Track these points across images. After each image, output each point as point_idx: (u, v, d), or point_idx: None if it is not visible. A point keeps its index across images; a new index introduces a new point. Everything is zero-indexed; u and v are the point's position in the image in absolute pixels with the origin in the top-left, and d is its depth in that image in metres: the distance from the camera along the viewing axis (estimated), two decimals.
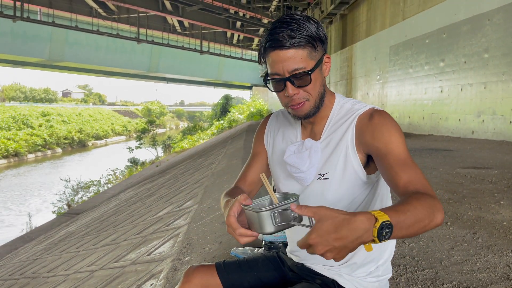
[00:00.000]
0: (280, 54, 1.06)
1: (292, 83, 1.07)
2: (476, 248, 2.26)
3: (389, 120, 1.10)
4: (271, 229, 0.96)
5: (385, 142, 1.06)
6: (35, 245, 7.35)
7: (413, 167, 1.02)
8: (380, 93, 13.62)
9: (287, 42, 1.04)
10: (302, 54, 1.06)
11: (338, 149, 1.13)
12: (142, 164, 21.79)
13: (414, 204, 0.87)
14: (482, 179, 4.19)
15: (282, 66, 1.06)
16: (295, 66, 1.06)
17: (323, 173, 1.14)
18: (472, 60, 8.59)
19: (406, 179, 0.99)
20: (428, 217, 0.87)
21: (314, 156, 1.14)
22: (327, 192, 1.14)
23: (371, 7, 14.36)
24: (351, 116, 1.13)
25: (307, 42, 1.06)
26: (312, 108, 1.12)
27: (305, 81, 1.08)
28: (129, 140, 43.64)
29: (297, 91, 1.09)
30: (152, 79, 49.88)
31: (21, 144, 30.99)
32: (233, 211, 1.01)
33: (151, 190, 8.36)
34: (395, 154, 1.04)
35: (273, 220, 0.95)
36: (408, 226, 0.84)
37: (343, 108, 1.17)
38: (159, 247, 3.35)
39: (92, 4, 25.03)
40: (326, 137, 1.16)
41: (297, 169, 1.15)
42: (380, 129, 1.07)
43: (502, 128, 7.78)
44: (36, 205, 16.81)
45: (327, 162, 1.14)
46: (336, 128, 1.15)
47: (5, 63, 37.21)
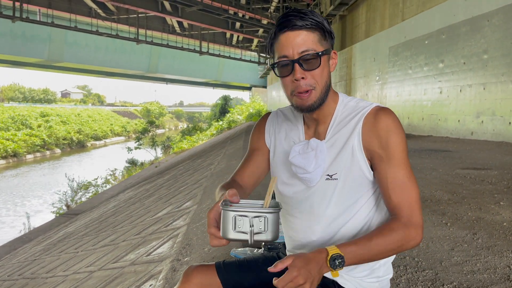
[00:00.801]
0: (290, 36, 1.06)
1: (301, 65, 1.07)
2: (476, 249, 2.26)
3: (395, 123, 1.10)
4: (229, 234, 0.88)
5: (388, 150, 1.08)
6: (34, 245, 7.33)
7: (407, 186, 1.07)
8: (379, 94, 13.62)
9: (299, 23, 1.05)
10: (313, 37, 1.07)
11: (345, 148, 1.12)
12: (141, 165, 21.77)
13: (376, 240, 1.02)
14: (482, 180, 4.19)
15: (292, 47, 1.06)
16: (305, 47, 1.06)
17: (331, 174, 1.13)
18: (472, 61, 8.60)
19: (396, 201, 1.07)
20: (393, 248, 1.04)
21: (320, 156, 1.13)
22: (334, 193, 1.13)
23: (370, 8, 14.37)
24: (356, 114, 1.12)
25: (318, 28, 1.07)
26: (317, 99, 1.10)
27: (314, 64, 1.07)
28: (128, 140, 43.61)
29: (304, 74, 1.07)
30: (151, 79, 49.91)
31: (20, 145, 30.94)
32: (217, 206, 0.97)
33: (150, 190, 8.35)
34: (395, 167, 1.08)
35: (233, 224, 0.87)
36: (367, 256, 1.02)
37: (348, 106, 1.16)
38: (158, 247, 3.35)
39: (92, 4, 25.02)
40: (331, 137, 1.15)
41: (303, 170, 1.14)
42: (385, 134, 1.08)
43: (501, 129, 7.78)
44: (35, 205, 16.78)
45: (335, 162, 1.13)
46: (341, 127, 1.14)
47: (4, 63, 37.19)
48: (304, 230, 1.20)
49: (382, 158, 1.08)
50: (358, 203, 1.14)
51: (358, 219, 1.15)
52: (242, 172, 1.29)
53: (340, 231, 1.15)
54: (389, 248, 1.04)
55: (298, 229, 1.22)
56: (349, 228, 1.15)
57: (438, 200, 3.42)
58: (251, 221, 0.87)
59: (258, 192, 1.37)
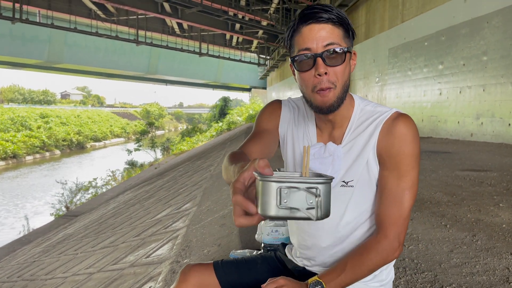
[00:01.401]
0: (315, 28, 1.00)
1: (324, 60, 1.00)
2: (476, 251, 2.26)
3: (412, 131, 1.05)
4: (271, 211, 0.69)
5: (395, 158, 1.05)
6: (33, 247, 7.33)
7: (400, 200, 1.06)
8: (379, 96, 13.63)
9: (325, 15, 0.99)
10: (338, 32, 1.01)
11: (362, 155, 1.08)
12: (141, 166, 21.77)
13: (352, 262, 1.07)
14: (481, 182, 4.19)
15: (316, 40, 1.00)
16: (330, 40, 1.00)
17: (347, 181, 1.10)
18: (471, 63, 8.61)
19: (383, 215, 1.08)
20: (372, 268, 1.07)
21: (337, 162, 1.10)
22: (349, 200, 1.11)
23: (370, 10, 14.40)
24: (374, 120, 1.08)
25: (343, 23, 1.02)
26: (337, 99, 1.03)
27: (338, 60, 1.01)
28: (128, 142, 43.64)
29: (327, 70, 1.00)
30: (151, 81, 49.96)
31: (20, 146, 30.93)
32: (243, 177, 0.75)
33: (149, 192, 8.34)
34: (396, 177, 1.06)
35: (277, 199, 0.69)
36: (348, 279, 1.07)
37: (365, 111, 1.11)
38: (158, 249, 3.34)
39: (91, 6, 25.06)
40: (348, 142, 1.10)
41: None
42: (398, 142, 1.05)
43: (501, 131, 7.79)
44: (34, 207, 16.77)
45: (351, 169, 1.09)
46: (358, 133, 1.09)
47: (4, 64, 37.22)
48: (314, 234, 1.18)
49: (387, 166, 1.06)
50: (370, 210, 1.13)
51: (367, 225, 1.14)
52: (250, 147, 1.12)
53: (349, 238, 1.14)
54: (367, 268, 1.07)
55: (308, 233, 1.20)
56: (358, 235, 1.14)
57: (437, 202, 3.42)
58: (303, 193, 0.69)
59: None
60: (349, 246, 1.15)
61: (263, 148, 1.13)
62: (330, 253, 1.17)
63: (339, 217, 1.13)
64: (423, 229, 2.68)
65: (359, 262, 1.06)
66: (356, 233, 1.14)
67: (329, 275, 1.07)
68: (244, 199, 0.72)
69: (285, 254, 1.35)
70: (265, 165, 0.73)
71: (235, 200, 0.72)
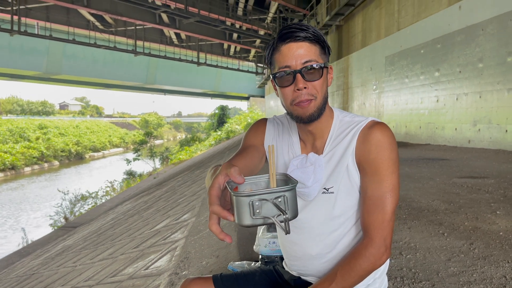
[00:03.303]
0: (293, 46, 1.07)
1: (303, 76, 1.07)
2: (473, 259, 2.27)
3: (388, 138, 1.10)
4: (247, 221, 0.77)
5: (374, 164, 1.09)
6: (32, 259, 7.29)
7: (383, 203, 1.08)
8: (376, 103, 13.69)
9: (302, 34, 1.06)
10: (314, 49, 1.08)
11: (341, 163, 1.13)
12: (139, 176, 21.74)
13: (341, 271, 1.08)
14: (479, 189, 4.20)
15: (294, 58, 1.07)
16: (308, 57, 1.07)
17: (328, 187, 1.14)
18: (467, 70, 8.67)
19: (367, 221, 1.10)
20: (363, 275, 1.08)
21: (318, 171, 1.14)
22: (331, 206, 1.15)
23: (366, 18, 14.51)
24: (352, 129, 1.14)
25: (318, 41, 1.09)
26: (316, 109, 1.10)
27: (316, 75, 1.08)
28: (127, 152, 43.57)
29: (306, 85, 1.07)
30: (150, 90, 50.06)
31: (18, 157, 30.89)
32: (218, 182, 0.83)
33: (148, 202, 8.33)
34: (377, 182, 1.09)
35: (251, 210, 0.76)
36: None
37: (343, 121, 1.17)
38: (157, 261, 3.34)
39: (89, 17, 25.21)
40: (328, 151, 1.15)
41: (302, 184, 1.15)
42: (374, 148, 1.09)
43: (498, 137, 7.82)
44: (33, 218, 16.70)
45: (331, 176, 1.14)
46: (338, 142, 1.14)
47: (2, 76, 37.31)
48: (301, 243, 1.21)
49: (367, 172, 1.10)
50: (355, 216, 1.16)
51: (355, 232, 1.16)
52: (236, 162, 1.14)
53: (338, 245, 1.17)
54: (356, 274, 1.07)
55: (295, 243, 1.23)
56: (346, 242, 1.16)
57: (435, 210, 3.43)
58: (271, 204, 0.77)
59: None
60: (340, 254, 1.17)
61: (248, 163, 1.17)
62: (321, 261, 1.19)
63: (320, 224, 1.17)
64: (420, 238, 2.68)
65: (348, 270, 1.07)
66: (344, 240, 1.16)
67: (320, 285, 1.08)
68: (221, 210, 0.80)
69: (283, 266, 1.37)
70: (237, 173, 0.82)
71: (213, 210, 0.79)
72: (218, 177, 0.84)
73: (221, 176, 0.84)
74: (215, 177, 0.84)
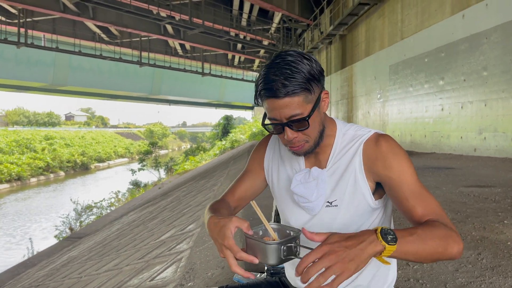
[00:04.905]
0: (275, 102, 1.04)
1: (291, 127, 1.06)
2: (481, 270, 2.24)
3: (397, 147, 1.10)
4: (276, 261, 0.97)
5: (398, 172, 1.07)
6: (37, 270, 7.29)
7: (428, 198, 1.05)
8: (381, 112, 13.68)
9: (281, 92, 1.02)
10: (298, 100, 1.03)
11: (345, 176, 1.12)
12: (144, 186, 21.77)
13: (425, 228, 0.94)
14: (486, 198, 4.17)
15: (279, 113, 1.05)
16: (291, 112, 1.04)
17: (331, 201, 1.13)
18: (472, 78, 8.66)
19: (421, 212, 1.03)
20: (440, 244, 0.93)
21: (321, 185, 1.13)
22: (335, 220, 1.14)
23: (369, 28, 14.57)
24: (356, 142, 1.13)
25: (302, 89, 1.03)
26: (311, 147, 1.12)
27: (303, 125, 1.06)
28: (132, 162, 43.69)
29: (296, 134, 1.08)
30: (155, 101, 50.35)
31: (24, 168, 31.04)
32: (231, 232, 0.99)
33: (153, 213, 8.33)
34: (409, 184, 1.06)
35: (281, 253, 0.96)
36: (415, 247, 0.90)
37: (346, 135, 1.16)
38: (162, 272, 3.33)
39: (95, 29, 25.50)
40: (332, 165, 1.15)
41: (305, 199, 1.15)
42: (390, 158, 1.08)
43: (504, 145, 7.78)
44: (39, 229, 16.74)
45: (335, 190, 1.13)
46: (341, 156, 1.14)
47: (9, 88, 37.73)
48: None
49: (393, 178, 1.07)
50: (362, 228, 1.14)
51: None
52: (233, 192, 1.30)
53: None
54: (436, 242, 0.92)
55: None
56: None
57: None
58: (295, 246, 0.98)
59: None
60: None
61: (243, 192, 1.30)
62: None
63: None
64: None
65: (429, 232, 0.93)
66: None
67: (399, 232, 0.90)
68: (247, 256, 0.97)
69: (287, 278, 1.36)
70: (248, 227, 0.99)
71: (241, 257, 0.97)
72: (230, 228, 0.99)
73: (232, 226, 0.99)
74: (226, 227, 0.99)
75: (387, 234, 0.86)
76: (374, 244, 0.85)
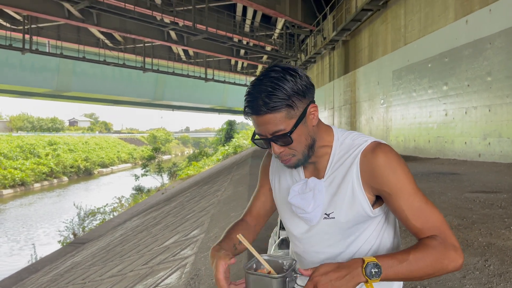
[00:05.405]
0: (258, 119, 1.06)
1: (276, 142, 1.08)
2: (488, 276, 2.23)
3: (394, 158, 1.08)
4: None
5: (395, 187, 1.06)
6: (41, 276, 7.28)
7: (426, 212, 1.05)
8: (384, 117, 13.66)
9: (262, 110, 1.03)
10: (280, 116, 1.04)
11: (342, 187, 1.11)
12: (147, 192, 21.77)
13: (415, 254, 0.98)
14: (491, 204, 4.14)
15: (263, 130, 1.07)
16: (274, 128, 1.05)
17: (329, 213, 1.13)
18: (476, 83, 8.64)
19: (420, 227, 1.05)
20: (434, 266, 0.99)
21: (318, 196, 1.13)
22: (333, 231, 1.14)
23: (372, 33, 14.59)
24: (353, 152, 1.11)
25: (283, 105, 1.04)
26: (299, 161, 1.12)
27: (287, 141, 1.07)
28: (135, 167, 43.76)
29: (282, 149, 1.09)
30: (158, 106, 50.48)
31: (28, 174, 31.13)
32: (221, 267, 1.05)
33: (157, 218, 8.32)
34: (406, 199, 1.06)
35: (286, 285, 0.98)
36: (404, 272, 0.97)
37: (344, 144, 1.15)
38: (166, 278, 3.32)
39: (99, 35, 25.66)
40: (329, 175, 1.14)
41: (302, 210, 1.15)
42: (387, 172, 1.06)
43: (509, 151, 7.74)
44: (42, 234, 16.75)
45: (332, 201, 1.12)
46: (339, 166, 1.13)
47: (13, 94, 37.92)
48: (309, 266, 1.21)
49: (391, 194, 1.07)
50: (360, 239, 1.14)
51: (362, 253, 1.15)
52: (250, 211, 1.34)
53: None
54: (427, 265, 0.98)
55: (304, 265, 1.23)
56: None
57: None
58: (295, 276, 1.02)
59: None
60: None
61: (261, 208, 1.33)
62: None
63: (324, 248, 1.16)
64: None
65: (421, 257, 0.98)
66: None
67: (387, 260, 0.97)
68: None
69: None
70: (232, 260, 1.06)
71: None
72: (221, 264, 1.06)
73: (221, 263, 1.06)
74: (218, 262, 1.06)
75: (372, 268, 0.94)
76: (358, 277, 0.94)
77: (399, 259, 0.97)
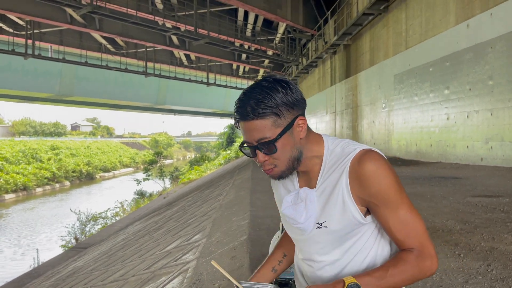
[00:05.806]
0: (245, 125, 1.09)
1: (261, 150, 1.09)
2: (491, 281, 2.22)
3: (381, 167, 1.08)
4: None
5: (381, 196, 1.07)
6: (42, 281, 7.28)
7: (409, 223, 1.09)
8: (386, 121, 13.66)
9: (249, 116, 1.06)
10: (266, 123, 1.06)
11: (333, 196, 1.11)
12: (149, 196, 21.78)
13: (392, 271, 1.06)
14: (494, 208, 4.13)
15: (249, 136, 1.09)
16: (260, 135, 1.07)
17: (321, 222, 1.13)
18: (477, 87, 8.64)
19: (401, 238, 1.10)
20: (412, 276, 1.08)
21: (310, 206, 1.14)
22: (326, 240, 1.15)
23: (373, 37, 14.62)
24: (343, 161, 1.11)
25: (270, 112, 1.06)
26: (282, 172, 1.13)
27: (271, 149, 1.09)
28: (137, 171, 43.79)
29: (266, 157, 1.10)
30: (160, 111, 50.65)
31: (30, 178, 31.19)
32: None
33: (159, 223, 8.32)
34: (391, 209, 1.08)
35: None
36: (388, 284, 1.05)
37: (334, 153, 1.15)
38: (168, 283, 3.32)
39: (102, 40, 25.77)
40: (321, 184, 1.14)
41: (295, 221, 1.16)
42: (372, 183, 1.07)
43: (511, 155, 7.72)
44: (44, 239, 16.76)
45: (324, 210, 1.13)
46: (329, 175, 1.13)
47: (16, 98, 38.07)
48: (309, 275, 1.23)
49: (377, 205, 1.08)
50: (356, 245, 1.14)
51: (359, 259, 1.15)
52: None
53: (342, 273, 1.16)
54: (404, 278, 1.06)
55: (304, 273, 1.25)
56: (352, 269, 1.15)
57: (450, 230, 3.37)
58: None
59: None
60: None
61: None
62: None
63: (319, 256, 1.17)
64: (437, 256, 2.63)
65: (397, 272, 1.07)
66: (344, 272, 1.15)
67: (366, 278, 1.05)
68: None
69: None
70: None
71: None
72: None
73: None
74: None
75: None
76: None
77: (377, 277, 1.05)
